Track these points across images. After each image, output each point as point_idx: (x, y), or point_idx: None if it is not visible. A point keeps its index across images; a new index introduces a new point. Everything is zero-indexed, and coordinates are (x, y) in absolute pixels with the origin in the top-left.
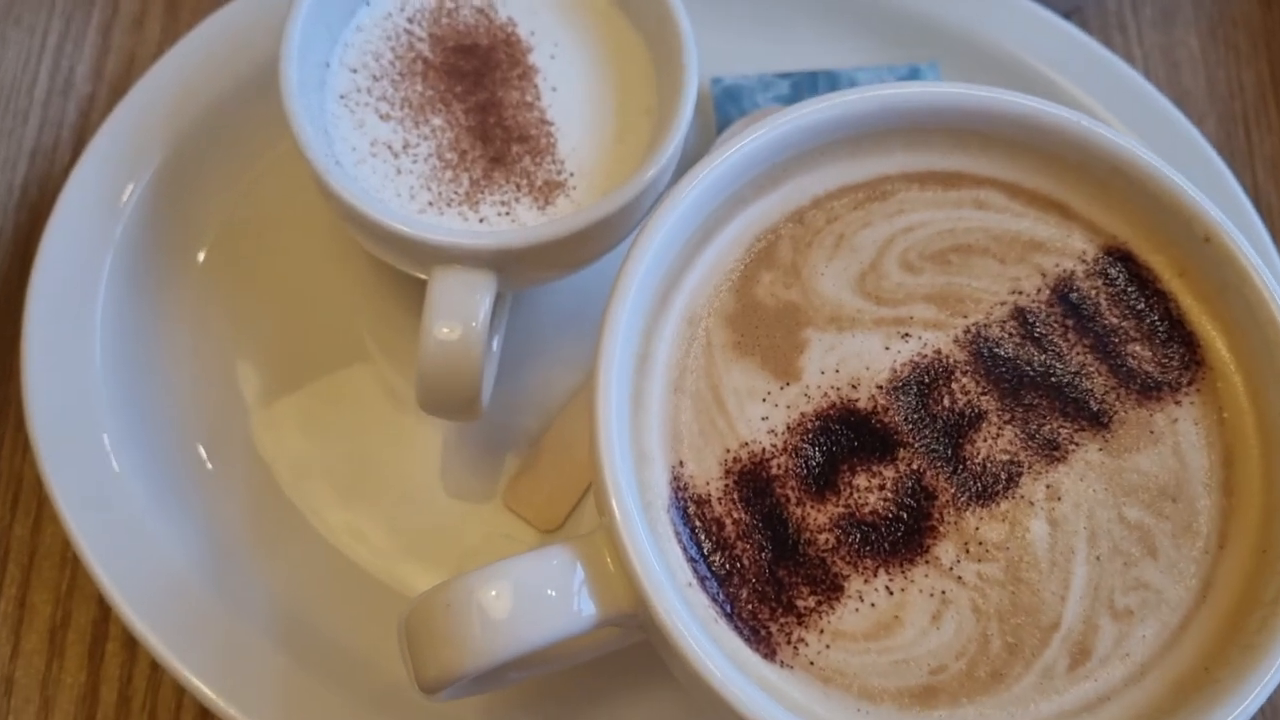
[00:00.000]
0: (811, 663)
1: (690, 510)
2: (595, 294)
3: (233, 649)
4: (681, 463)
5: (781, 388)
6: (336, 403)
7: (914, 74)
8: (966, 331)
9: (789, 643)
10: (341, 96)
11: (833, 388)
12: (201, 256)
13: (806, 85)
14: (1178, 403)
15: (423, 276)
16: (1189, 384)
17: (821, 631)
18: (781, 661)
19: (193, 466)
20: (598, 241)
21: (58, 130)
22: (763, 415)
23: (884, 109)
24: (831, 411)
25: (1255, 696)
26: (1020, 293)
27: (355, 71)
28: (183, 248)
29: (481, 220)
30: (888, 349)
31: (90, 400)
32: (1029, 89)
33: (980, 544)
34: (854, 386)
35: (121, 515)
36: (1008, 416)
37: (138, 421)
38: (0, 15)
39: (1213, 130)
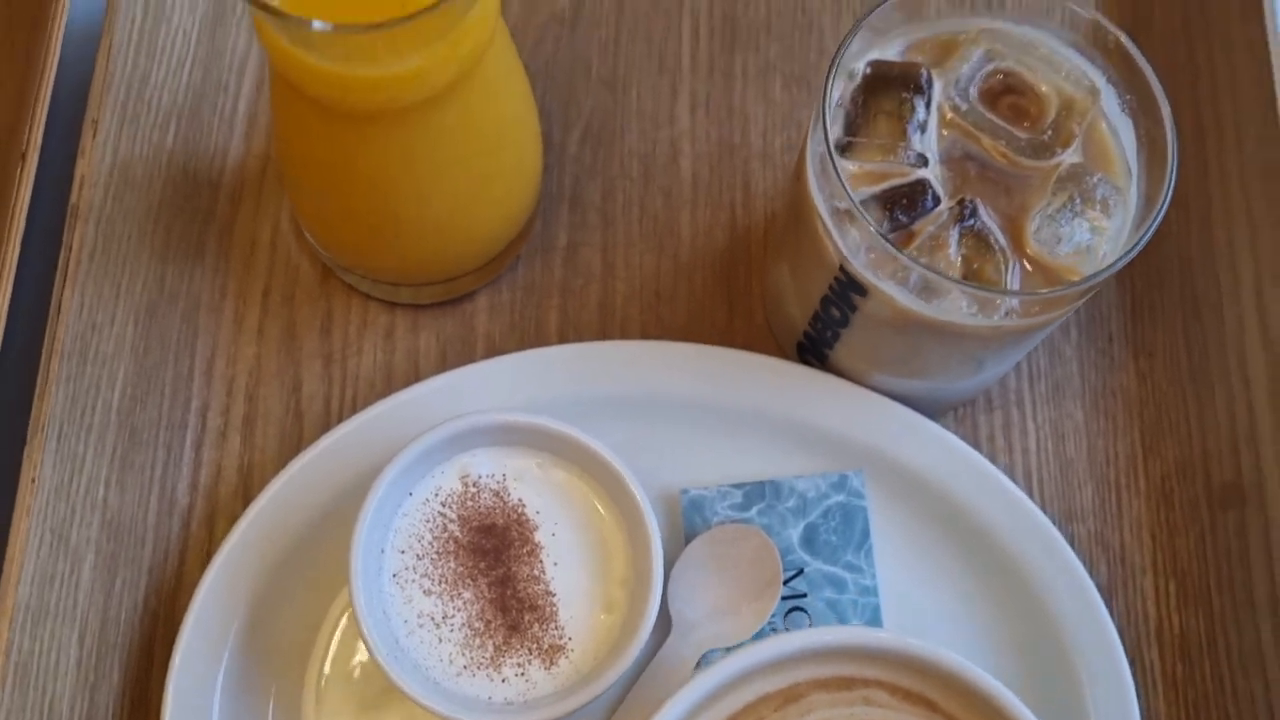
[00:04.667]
0: None
1: None
2: None
3: None
4: None
5: None
6: None
7: (843, 480)
8: None
9: None
10: (394, 575)
11: None
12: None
13: (755, 493)
14: None
15: None
16: None
17: None
18: None
19: None
20: (592, 708)
21: (167, 544)
22: None
23: (802, 649)
24: None
25: None
26: None
27: (403, 552)
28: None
29: (504, 680)
30: None
31: None
32: (929, 494)
33: None
34: None
35: None
36: None
37: None
38: (120, 467)
39: (1090, 496)
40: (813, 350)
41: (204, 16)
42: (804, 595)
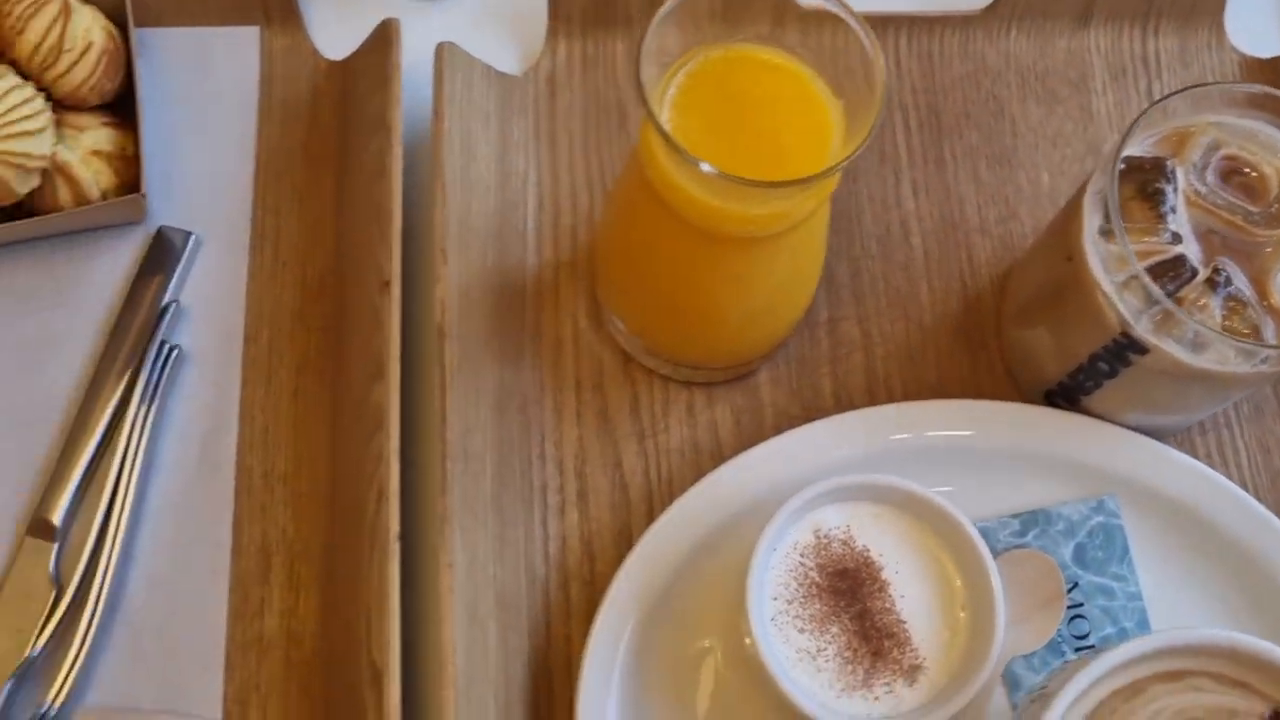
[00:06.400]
0: None
1: None
2: None
3: None
4: None
5: None
6: None
7: (1101, 504)
8: None
9: None
10: (772, 619)
11: None
12: None
13: (1030, 521)
14: None
15: None
16: None
17: None
18: None
19: None
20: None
21: (534, 610)
22: None
23: (1142, 652)
24: None
25: None
26: None
27: (775, 599)
28: None
29: (876, 699)
30: None
31: None
32: (1175, 510)
33: None
34: None
35: None
36: None
37: None
38: (499, 546)
39: None
40: (1064, 395)
41: (495, 147)
42: (1081, 604)
